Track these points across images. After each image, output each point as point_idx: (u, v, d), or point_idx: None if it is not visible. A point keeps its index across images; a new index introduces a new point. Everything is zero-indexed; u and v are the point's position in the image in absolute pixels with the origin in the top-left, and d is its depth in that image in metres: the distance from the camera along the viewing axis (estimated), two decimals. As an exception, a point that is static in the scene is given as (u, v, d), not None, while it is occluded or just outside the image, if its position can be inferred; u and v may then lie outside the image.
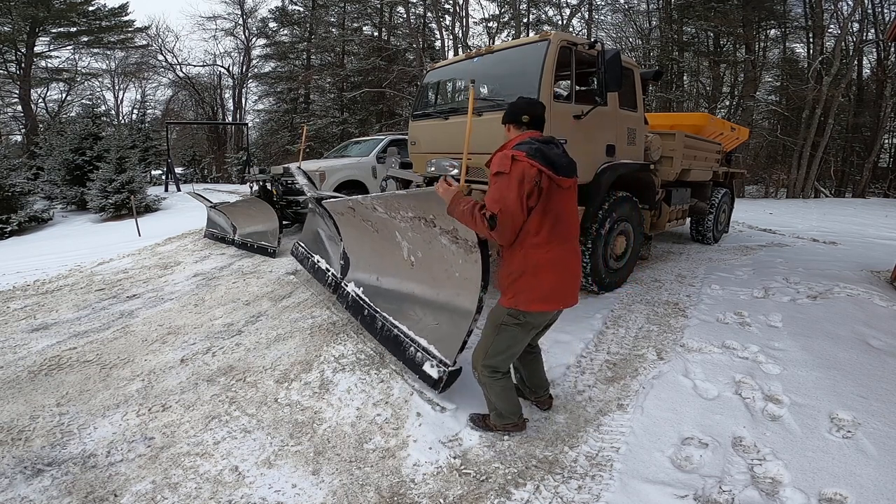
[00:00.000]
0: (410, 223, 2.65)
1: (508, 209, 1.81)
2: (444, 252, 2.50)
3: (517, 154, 1.84)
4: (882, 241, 7.43)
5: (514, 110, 2.05)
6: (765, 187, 19.47)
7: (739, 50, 19.18)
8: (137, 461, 2.09)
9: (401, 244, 2.93)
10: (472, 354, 2.17)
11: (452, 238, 2.34)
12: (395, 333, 2.85)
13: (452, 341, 2.41)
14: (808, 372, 2.65)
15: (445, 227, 2.35)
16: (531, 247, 1.91)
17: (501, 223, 1.82)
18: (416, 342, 2.65)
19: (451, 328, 2.48)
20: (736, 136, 7.32)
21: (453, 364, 2.36)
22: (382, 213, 2.88)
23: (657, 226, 5.06)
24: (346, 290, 3.65)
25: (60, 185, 13.13)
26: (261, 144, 26.34)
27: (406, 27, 22.74)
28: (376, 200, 2.82)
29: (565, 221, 1.97)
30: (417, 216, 2.53)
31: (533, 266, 1.92)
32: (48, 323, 3.95)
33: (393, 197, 2.68)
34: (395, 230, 2.90)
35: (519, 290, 1.95)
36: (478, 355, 2.12)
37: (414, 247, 2.82)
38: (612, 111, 4.01)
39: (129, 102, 35.93)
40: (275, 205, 6.46)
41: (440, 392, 2.38)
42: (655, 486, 1.85)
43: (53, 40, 23.96)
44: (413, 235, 2.75)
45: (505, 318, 2.02)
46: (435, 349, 2.51)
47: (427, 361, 2.49)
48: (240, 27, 28.00)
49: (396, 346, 2.80)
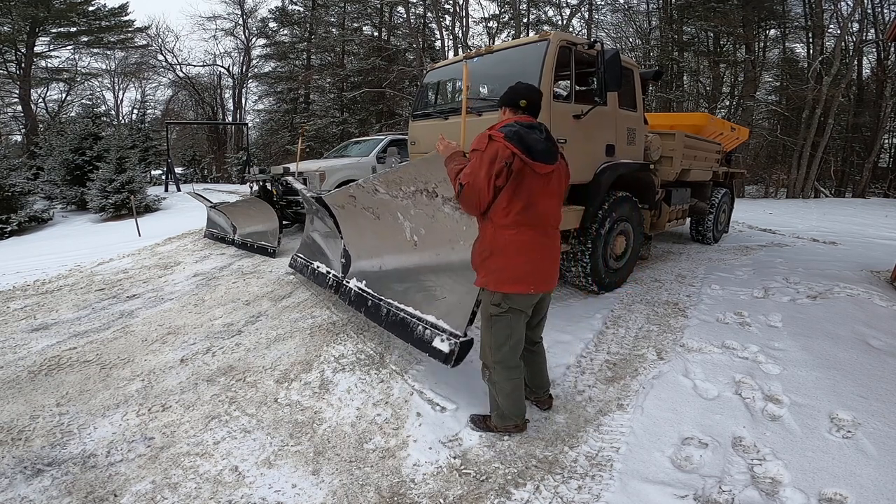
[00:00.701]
0: (412, 199, 2.69)
1: (475, 184, 1.90)
2: (448, 221, 2.52)
3: (495, 134, 1.92)
4: (882, 241, 7.43)
5: (512, 94, 2.10)
6: (765, 187, 19.48)
7: (739, 50, 19.19)
8: (137, 461, 2.09)
9: (402, 225, 2.95)
10: (480, 357, 2.18)
11: (455, 206, 2.36)
12: (402, 316, 2.79)
13: (461, 312, 2.37)
14: (808, 372, 2.65)
15: (447, 194, 2.38)
16: (500, 227, 1.97)
17: (466, 195, 1.93)
18: (424, 320, 2.59)
19: (459, 298, 2.45)
20: (736, 136, 7.32)
21: (464, 335, 2.31)
22: (384, 194, 2.91)
23: (657, 226, 5.06)
24: (347, 287, 3.64)
25: (60, 185, 13.13)
26: (261, 144, 26.34)
27: (406, 27, 22.73)
28: (377, 180, 2.85)
29: (537, 206, 1.99)
30: (418, 189, 2.57)
31: (501, 246, 1.98)
32: (48, 323, 3.95)
33: (393, 172, 2.72)
34: (397, 210, 2.92)
35: (490, 271, 2.01)
36: (486, 355, 2.14)
37: (416, 225, 2.85)
38: (611, 111, 4.01)
39: (129, 102, 35.89)
40: (275, 205, 6.46)
41: (452, 365, 2.30)
42: (655, 486, 1.85)
43: (53, 40, 23.96)
44: (415, 212, 2.77)
45: (491, 307, 2.06)
46: (444, 323, 2.46)
47: (437, 337, 2.42)
48: (240, 27, 28.01)
49: (404, 329, 2.73)
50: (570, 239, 3.97)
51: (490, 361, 2.11)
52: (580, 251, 3.97)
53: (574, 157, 3.71)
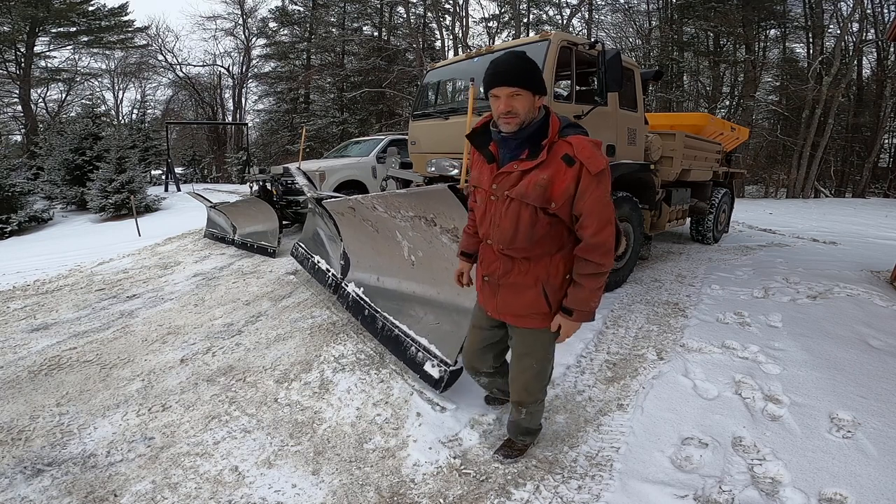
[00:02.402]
0: (411, 222, 2.65)
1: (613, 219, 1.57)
2: (445, 251, 2.49)
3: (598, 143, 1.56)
4: (882, 241, 7.43)
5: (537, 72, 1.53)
6: (765, 187, 19.49)
7: (739, 50, 19.19)
8: (137, 461, 2.09)
9: (401, 243, 2.93)
10: (518, 399, 1.90)
11: (453, 237, 2.34)
12: (396, 333, 2.84)
13: (453, 341, 2.40)
14: (808, 372, 2.65)
15: (446, 225, 2.35)
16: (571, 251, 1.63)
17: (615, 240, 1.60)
18: (417, 342, 2.65)
19: (452, 327, 2.47)
20: (736, 136, 7.32)
21: (454, 364, 2.35)
22: (383, 212, 2.88)
23: (657, 226, 5.06)
24: (346, 290, 3.65)
25: (60, 185, 13.13)
26: (261, 144, 26.35)
27: (406, 27, 22.74)
28: (376, 199, 2.82)
29: None
30: (417, 215, 2.52)
31: None
32: (48, 323, 3.95)
33: (393, 196, 2.68)
34: (396, 229, 2.89)
35: None
36: (532, 395, 1.88)
37: (414, 246, 2.82)
38: (612, 111, 4.01)
39: (129, 102, 36.04)
40: (275, 205, 6.46)
41: (441, 392, 2.38)
42: (655, 486, 1.85)
43: (53, 40, 23.97)
44: (413, 234, 2.74)
45: (550, 345, 1.82)
46: (436, 349, 2.51)
47: (428, 361, 2.49)
48: (240, 27, 28.01)
49: (397, 346, 2.80)
50: None
51: (538, 398, 1.92)
52: None
53: (574, 157, 3.73)
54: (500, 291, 1.72)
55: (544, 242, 1.60)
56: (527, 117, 1.52)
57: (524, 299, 1.68)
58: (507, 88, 1.49)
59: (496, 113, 1.55)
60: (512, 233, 1.60)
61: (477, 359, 2.00)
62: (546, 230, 1.58)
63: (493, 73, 1.51)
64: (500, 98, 1.51)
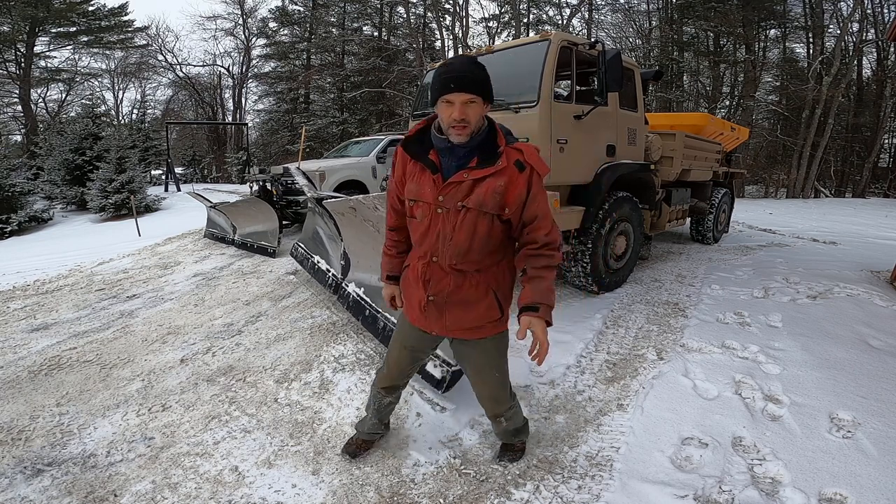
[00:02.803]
0: None
1: None
2: None
3: None
4: (882, 241, 7.44)
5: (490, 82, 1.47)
6: (765, 187, 19.50)
7: (739, 50, 19.22)
8: (137, 461, 2.09)
9: None
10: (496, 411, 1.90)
11: None
12: None
13: None
14: (808, 372, 2.65)
15: None
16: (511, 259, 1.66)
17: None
18: None
19: None
20: (736, 136, 7.33)
21: (455, 364, 2.36)
22: (383, 213, 2.88)
23: (657, 226, 5.07)
24: (346, 291, 3.65)
25: (60, 185, 13.13)
26: (261, 144, 26.36)
27: (406, 27, 22.75)
28: (377, 200, 2.82)
29: None
30: None
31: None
32: (48, 323, 3.95)
33: None
34: None
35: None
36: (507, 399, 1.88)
37: None
38: (612, 111, 4.01)
39: (129, 102, 36.06)
40: (275, 205, 6.46)
41: (443, 392, 2.38)
42: (655, 486, 1.85)
43: (53, 40, 23.97)
44: None
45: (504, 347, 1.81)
46: (438, 349, 2.50)
47: (430, 361, 2.48)
48: (240, 27, 28.02)
49: None
50: (571, 239, 3.97)
51: (510, 403, 1.91)
52: (580, 251, 3.97)
53: (575, 157, 3.73)
54: (447, 309, 1.63)
55: (497, 251, 1.59)
56: (476, 126, 1.47)
57: (476, 312, 1.63)
58: (464, 95, 1.40)
59: (447, 120, 1.44)
60: (467, 245, 1.54)
61: (399, 376, 1.94)
62: (500, 238, 1.57)
63: (448, 78, 1.42)
64: (454, 105, 1.41)
